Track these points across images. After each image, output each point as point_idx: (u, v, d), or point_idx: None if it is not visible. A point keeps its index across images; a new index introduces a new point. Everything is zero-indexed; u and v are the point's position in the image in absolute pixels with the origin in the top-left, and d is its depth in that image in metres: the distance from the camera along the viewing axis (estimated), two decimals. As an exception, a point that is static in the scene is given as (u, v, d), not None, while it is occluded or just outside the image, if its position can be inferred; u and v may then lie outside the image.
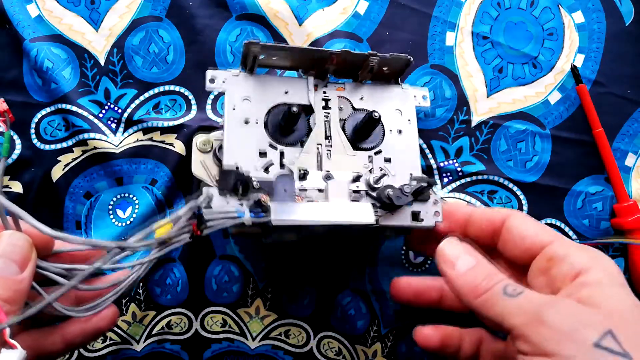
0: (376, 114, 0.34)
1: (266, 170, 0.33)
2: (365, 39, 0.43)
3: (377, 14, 0.43)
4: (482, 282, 0.26)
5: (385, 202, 0.33)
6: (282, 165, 0.34)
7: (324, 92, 0.36)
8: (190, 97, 0.41)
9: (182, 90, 0.41)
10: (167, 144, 0.40)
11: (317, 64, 0.36)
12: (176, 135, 0.40)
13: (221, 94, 0.40)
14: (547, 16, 0.44)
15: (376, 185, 0.33)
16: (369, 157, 0.36)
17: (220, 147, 0.36)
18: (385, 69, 0.36)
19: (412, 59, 0.36)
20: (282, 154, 0.34)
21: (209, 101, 0.41)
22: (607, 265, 0.26)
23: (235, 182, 0.30)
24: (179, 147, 0.40)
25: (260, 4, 0.42)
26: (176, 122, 0.40)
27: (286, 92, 0.35)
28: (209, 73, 0.34)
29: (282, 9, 0.42)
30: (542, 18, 0.44)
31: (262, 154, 0.33)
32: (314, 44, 0.42)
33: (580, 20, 0.44)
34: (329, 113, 0.36)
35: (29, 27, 0.40)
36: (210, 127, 0.40)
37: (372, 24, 0.43)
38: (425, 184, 0.34)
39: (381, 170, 0.36)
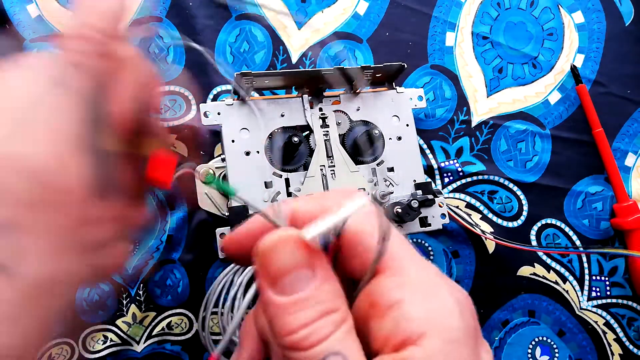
0: (376, 132, 0.34)
1: (274, 200, 0.33)
2: (365, 40, 0.43)
3: (377, 14, 0.43)
4: (300, 332, 0.17)
5: (394, 219, 0.34)
6: (289, 194, 0.34)
7: (320, 110, 0.36)
8: (190, 97, 0.41)
9: (182, 90, 0.41)
10: (167, 144, 0.40)
11: (310, 82, 0.36)
12: (176, 135, 0.40)
13: (221, 93, 0.40)
14: (547, 16, 0.44)
15: (382, 201, 0.34)
16: (372, 169, 0.36)
17: (224, 177, 0.36)
18: (379, 75, 0.36)
19: (405, 65, 0.36)
20: (287, 181, 0.34)
21: (209, 101, 0.41)
22: (448, 327, 0.17)
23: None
24: (179, 147, 0.40)
25: (260, 4, 0.42)
26: (176, 122, 0.40)
27: (282, 115, 0.35)
28: (202, 107, 0.34)
29: (282, 10, 0.42)
30: (542, 18, 0.44)
31: (268, 184, 0.34)
32: (314, 47, 0.42)
33: (580, 21, 0.44)
34: (327, 131, 0.36)
35: (29, 27, 0.40)
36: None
37: (372, 24, 0.43)
38: (430, 197, 0.35)
39: (385, 181, 0.36)
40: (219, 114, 0.34)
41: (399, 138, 0.37)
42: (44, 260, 0.14)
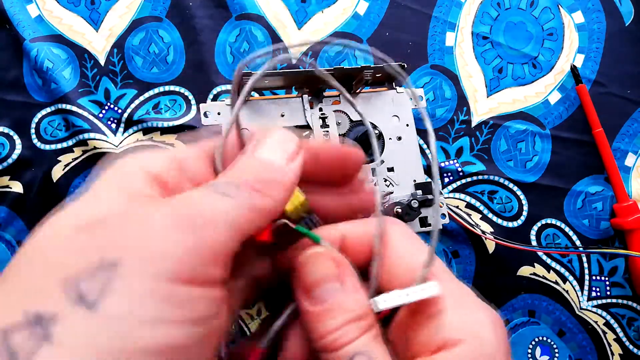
0: (376, 132, 0.34)
1: None
2: (365, 40, 0.43)
3: (377, 14, 0.43)
4: (330, 336, 0.19)
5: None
6: None
7: (320, 110, 0.36)
8: (190, 97, 0.41)
9: (182, 90, 0.41)
10: (167, 144, 0.40)
11: (310, 82, 0.35)
12: (176, 135, 0.40)
13: (221, 93, 0.40)
14: (547, 16, 0.44)
15: (382, 201, 0.34)
16: (372, 169, 0.36)
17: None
18: (379, 75, 0.37)
19: (405, 65, 0.36)
20: None
21: (209, 101, 0.41)
22: (482, 339, 0.19)
23: None
24: (179, 147, 0.40)
25: (260, 4, 0.42)
26: (176, 122, 0.40)
27: (282, 115, 0.35)
28: (203, 107, 0.34)
29: (282, 11, 0.42)
30: (542, 18, 0.44)
31: None
32: (313, 47, 0.42)
33: (580, 21, 0.44)
34: (327, 131, 0.36)
35: (29, 27, 0.40)
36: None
37: (372, 24, 0.43)
38: (430, 197, 0.35)
39: (385, 181, 0.36)
40: (219, 114, 0.34)
41: (399, 138, 0.37)
42: (130, 302, 0.14)
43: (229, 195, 0.17)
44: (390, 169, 0.36)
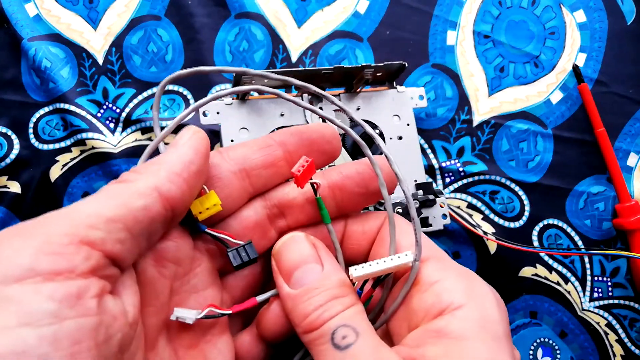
0: (376, 131, 0.34)
1: None
2: (366, 39, 0.43)
3: (378, 13, 0.43)
4: (312, 314, 0.19)
5: None
6: None
7: (321, 109, 0.36)
8: (189, 96, 0.41)
9: (181, 89, 0.41)
10: (165, 144, 0.40)
11: (310, 81, 0.35)
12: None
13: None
14: (548, 15, 0.44)
15: (382, 201, 0.34)
16: None
17: None
18: (379, 74, 0.36)
19: (406, 64, 0.36)
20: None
21: (209, 101, 0.41)
22: (484, 306, 0.19)
23: None
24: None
25: (259, 3, 0.42)
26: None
27: (282, 115, 0.35)
28: (201, 107, 0.34)
29: (282, 9, 0.42)
30: (544, 17, 0.44)
31: None
32: (313, 46, 0.42)
33: (582, 19, 0.44)
34: None
35: (27, 26, 0.40)
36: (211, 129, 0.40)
37: (373, 23, 0.43)
38: (431, 197, 0.35)
39: None
40: (217, 113, 0.34)
41: (400, 138, 0.37)
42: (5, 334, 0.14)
43: (92, 196, 0.18)
44: None
